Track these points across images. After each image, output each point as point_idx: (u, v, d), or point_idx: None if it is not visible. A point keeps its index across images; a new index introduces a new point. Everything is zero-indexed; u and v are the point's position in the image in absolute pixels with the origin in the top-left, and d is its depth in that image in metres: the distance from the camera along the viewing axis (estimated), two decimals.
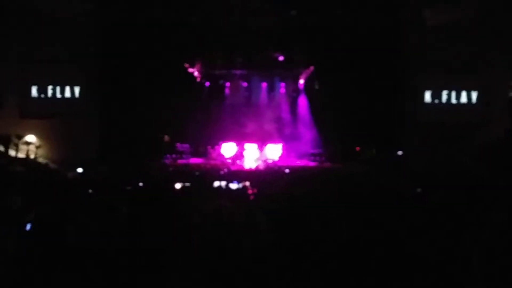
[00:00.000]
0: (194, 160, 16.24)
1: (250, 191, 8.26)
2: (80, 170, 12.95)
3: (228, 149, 16.90)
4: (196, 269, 2.83)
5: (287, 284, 2.96)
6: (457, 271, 2.73)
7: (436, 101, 15.57)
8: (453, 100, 15.52)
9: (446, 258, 2.87)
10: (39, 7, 14.82)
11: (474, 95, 15.44)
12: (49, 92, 15.84)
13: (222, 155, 16.63)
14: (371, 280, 2.91)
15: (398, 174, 11.33)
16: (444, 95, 15.57)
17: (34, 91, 15.81)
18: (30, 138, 15.37)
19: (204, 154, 16.80)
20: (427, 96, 15.61)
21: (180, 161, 15.93)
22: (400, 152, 15.08)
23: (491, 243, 2.55)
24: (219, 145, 16.88)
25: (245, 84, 17.92)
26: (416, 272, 2.90)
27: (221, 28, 14.98)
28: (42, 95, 15.82)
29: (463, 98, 15.49)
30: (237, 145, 16.99)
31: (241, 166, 15.78)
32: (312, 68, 16.72)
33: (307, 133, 16.71)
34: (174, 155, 16.18)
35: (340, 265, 3.01)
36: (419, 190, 6.55)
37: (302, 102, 17.48)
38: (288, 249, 3.16)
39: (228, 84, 17.90)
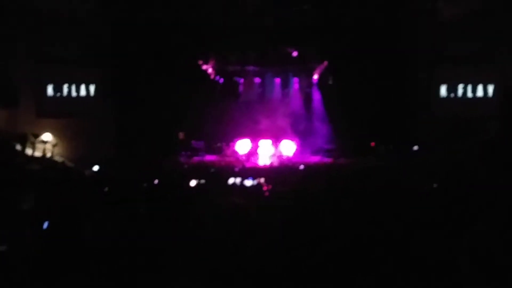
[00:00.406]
0: (209, 157, 16.30)
1: (265, 188, 8.28)
2: (96, 168, 13.06)
3: (242, 146, 16.93)
4: (207, 269, 2.84)
5: (297, 283, 2.95)
6: (459, 270, 2.72)
7: (452, 95, 15.38)
8: (469, 94, 15.32)
9: (449, 257, 2.86)
10: (54, 7, 14.94)
11: (491, 88, 15.21)
12: (65, 90, 15.98)
13: (237, 152, 16.65)
14: (380, 278, 2.90)
15: (413, 169, 11.26)
16: (460, 88, 15.36)
17: (49, 90, 15.96)
18: (47, 136, 15.53)
19: (218, 151, 16.85)
20: (443, 90, 15.42)
21: (195, 158, 15.99)
22: (415, 147, 14.95)
23: (490, 242, 2.53)
24: (234, 142, 16.92)
25: (259, 80, 17.92)
26: (420, 271, 2.90)
27: (234, 24, 14.98)
28: (58, 94, 15.96)
29: (479, 92, 15.26)
30: (251, 141, 17.01)
31: (256, 162, 15.79)
32: (325, 63, 16.65)
33: (322, 129, 16.65)
34: (189, 152, 16.26)
35: (350, 262, 3.01)
36: (435, 185, 6.50)
37: (316, 97, 17.42)
38: (300, 247, 3.16)
39: (242, 80, 17.91)
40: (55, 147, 15.54)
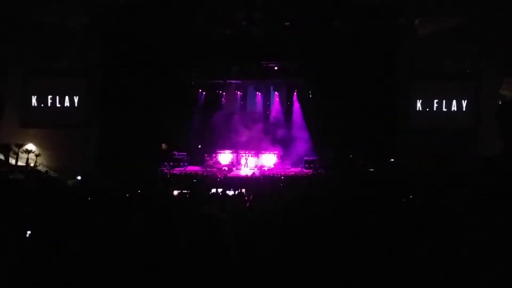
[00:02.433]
0: (191, 168, 16.41)
1: (245, 198, 8.45)
2: (79, 178, 13.13)
3: (224, 157, 17.14)
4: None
5: None
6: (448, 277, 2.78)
7: (428, 109, 15.85)
8: (444, 108, 15.81)
9: (439, 264, 2.92)
10: (39, 20, 15.04)
11: (465, 103, 15.74)
12: (49, 101, 16.05)
13: (219, 163, 16.80)
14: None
15: (390, 180, 11.48)
16: (435, 103, 15.85)
17: (34, 100, 16.01)
18: (30, 146, 15.56)
19: (201, 162, 16.99)
20: (419, 104, 15.88)
21: (177, 169, 16.08)
22: (392, 160, 15.27)
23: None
24: (216, 153, 17.09)
25: (240, 93, 18.11)
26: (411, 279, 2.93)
27: (217, 39, 15.19)
28: (42, 105, 16.02)
29: (454, 106, 15.78)
30: (233, 153, 17.23)
31: (237, 173, 15.95)
32: (306, 77, 16.83)
33: (302, 141, 16.85)
34: (171, 163, 16.34)
35: (330, 273, 3.03)
36: (411, 196, 6.68)
37: (296, 110, 17.63)
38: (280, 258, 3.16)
39: (224, 93, 18.09)
40: (39, 157, 15.57)
